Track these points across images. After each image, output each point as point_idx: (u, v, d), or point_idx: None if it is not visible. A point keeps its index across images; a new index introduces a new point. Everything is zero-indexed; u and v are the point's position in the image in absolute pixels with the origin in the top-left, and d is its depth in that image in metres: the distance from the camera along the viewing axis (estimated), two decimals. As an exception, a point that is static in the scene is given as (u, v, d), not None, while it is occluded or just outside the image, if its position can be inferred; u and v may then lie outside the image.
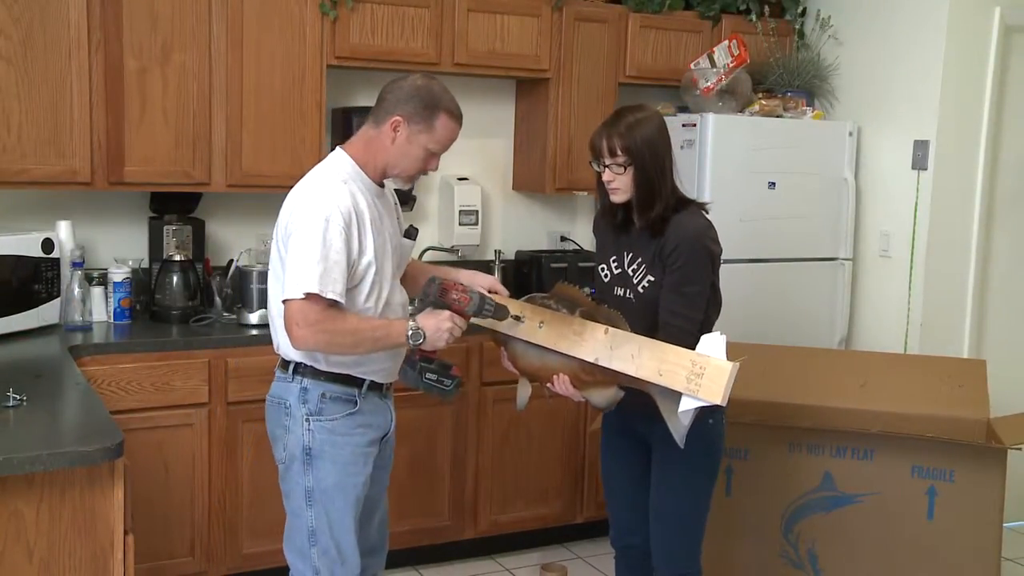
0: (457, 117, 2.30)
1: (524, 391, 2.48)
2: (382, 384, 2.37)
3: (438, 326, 2.20)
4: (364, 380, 2.31)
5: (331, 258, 2.13)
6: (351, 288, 2.21)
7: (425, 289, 2.24)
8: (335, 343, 2.17)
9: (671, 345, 2.22)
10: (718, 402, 2.11)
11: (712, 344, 2.17)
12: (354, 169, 2.27)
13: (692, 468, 2.46)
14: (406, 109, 2.24)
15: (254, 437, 3.22)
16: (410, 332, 2.19)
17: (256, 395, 3.04)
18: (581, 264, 4.04)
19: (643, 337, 2.25)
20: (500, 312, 2.30)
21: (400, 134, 2.25)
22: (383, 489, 2.50)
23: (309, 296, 2.11)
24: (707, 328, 2.46)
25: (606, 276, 2.53)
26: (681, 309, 2.36)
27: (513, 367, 2.45)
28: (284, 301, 2.16)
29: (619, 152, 2.34)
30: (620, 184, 2.37)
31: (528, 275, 4.08)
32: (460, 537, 3.66)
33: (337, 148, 2.32)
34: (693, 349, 2.24)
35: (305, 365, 2.27)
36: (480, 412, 3.63)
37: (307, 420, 2.27)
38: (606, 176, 2.38)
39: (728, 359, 2.15)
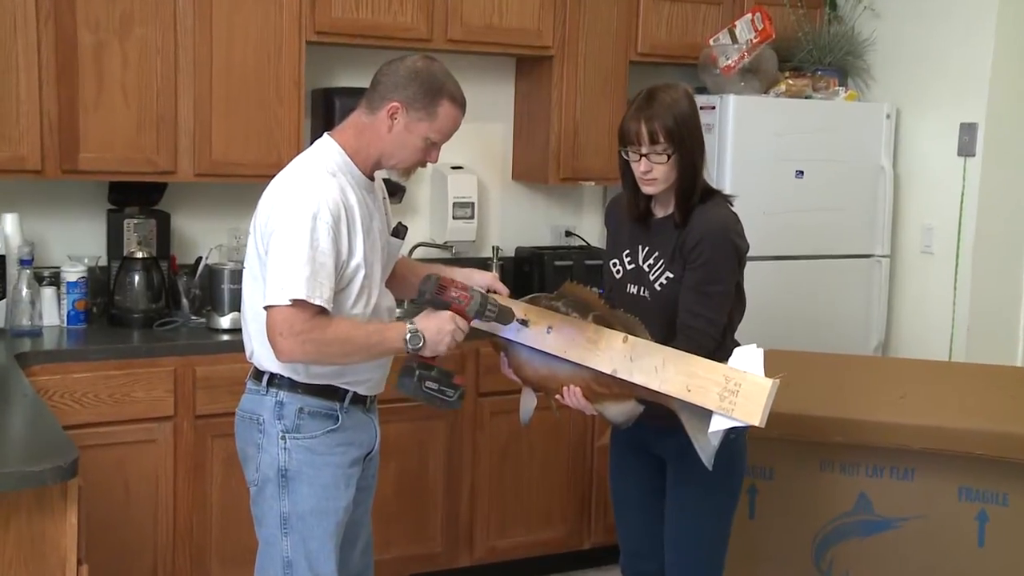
0: (461, 104, 2.28)
1: (529, 402, 2.47)
2: (366, 397, 2.35)
3: (439, 328, 2.18)
4: (347, 392, 2.29)
5: (319, 260, 2.12)
6: (337, 292, 2.20)
7: (421, 287, 2.22)
8: (324, 353, 2.16)
9: (700, 358, 2.20)
10: (756, 423, 2.10)
11: (748, 358, 2.16)
12: (343, 160, 2.25)
13: (712, 488, 2.45)
14: (405, 94, 2.23)
15: (225, 454, 3.19)
16: (408, 336, 2.17)
17: (227, 408, 3.00)
18: (588, 262, 4.03)
19: (668, 348, 2.24)
20: (503, 314, 2.28)
21: (398, 122, 2.23)
22: (366, 512, 2.48)
23: (296, 303, 2.10)
24: (730, 333, 2.44)
25: (618, 272, 2.51)
26: (703, 310, 2.34)
27: (515, 376, 2.44)
28: (266, 308, 2.14)
29: (661, 139, 2.33)
30: (660, 174, 2.36)
31: (529, 274, 4.07)
32: (454, 565, 3.64)
33: (325, 135, 2.31)
34: (714, 356, 2.23)
35: (281, 376, 2.26)
36: (476, 425, 3.61)
37: (283, 438, 2.25)
38: (642, 166, 2.36)
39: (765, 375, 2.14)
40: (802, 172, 3.95)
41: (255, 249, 2.26)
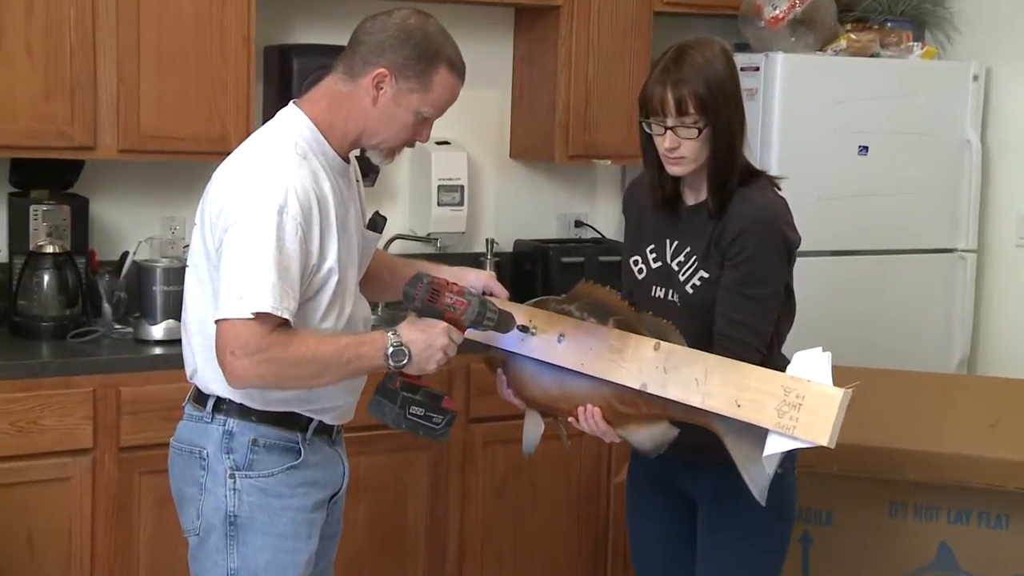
0: (460, 71, 2.29)
1: (534, 429, 2.47)
2: (332, 426, 2.36)
3: (429, 342, 2.18)
4: (310, 421, 2.30)
5: (284, 264, 2.12)
6: (304, 303, 2.20)
7: (409, 291, 2.21)
8: (286, 376, 2.15)
9: (752, 365, 2.20)
10: (823, 443, 2.09)
11: (811, 364, 2.15)
12: (315, 138, 2.25)
13: (754, 536, 2.44)
14: (394, 58, 2.23)
15: (156, 496, 3.19)
16: (390, 350, 2.16)
17: (159, 437, 2.99)
18: (603, 259, 4.02)
19: (710, 355, 2.24)
20: (504, 321, 2.29)
21: (385, 92, 2.23)
22: (329, 566, 2.48)
23: (257, 316, 2.10)
24: (777, 345, 2.44)
25: (640, 271, 2.52)
26: (745, 317, 2.35)
27: (516, 397, 2.45)
28: (218, 321, 2.14)
29: (691, 109, 2.33)
30: (689, 151, 2.36)
31: (531, 273, 4.07)
32: (439, 631, 3.66)
33: (291, 105, 2.31)
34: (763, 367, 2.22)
35: (230, 400, 2.26)
36: (467, 458, 3.61)
37: (231, 476, 2.25)
38: (669, 142, 2.36)
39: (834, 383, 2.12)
40: (867, 148, 3.95)
41: (202, 245, 2.26)
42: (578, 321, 2.36)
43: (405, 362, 2.17)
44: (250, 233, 2.12)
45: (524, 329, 2.36)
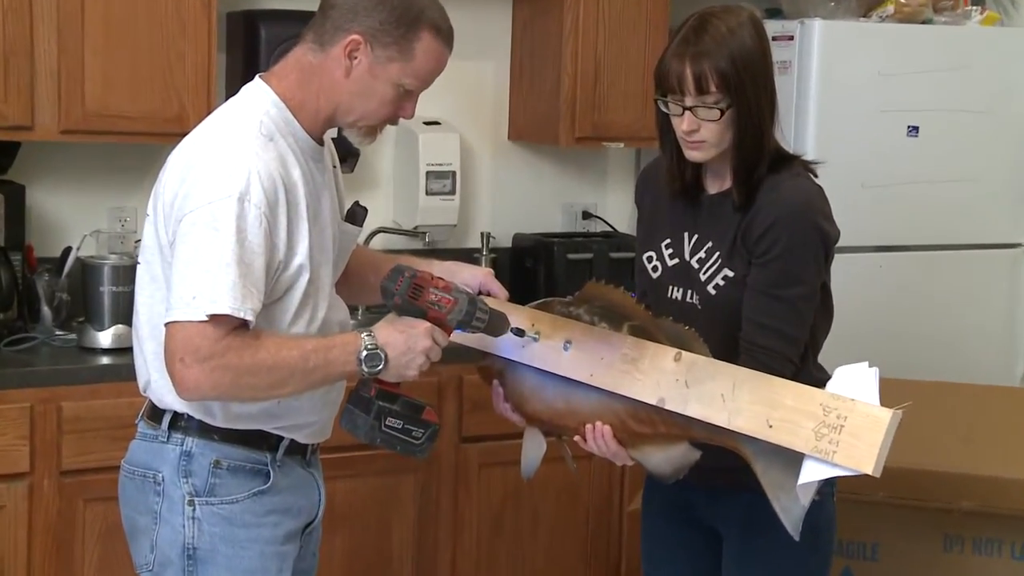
0: (446, 36, 2.29)
1: (535, 450, 2.47)
2: (306, 446, 2.36)
3: (409, 345, 2.18)
4: (280, 440, 2.30)
5: (246, 260, 2.12)
6: (270, 304, 2.20)
7: (387, 285, 2.21)
8: (244, 386, 2.15)
9: (786, 380, 2.19)
10: (867, 471, 2.08)
11: (855, 380, 2.14)
12: (283, 116, 2.26)
13: (787, 572, 2.45)
14: (368, 23, 2.22)
15: (103, 526, 3.19)
16: (364, 353, 2.16)
17: (106, 460, 3.01)
18: (615, 255, 4.04)
19: (739, 367, 2.24)
20: (496, 323, 2.28)
21: (359, 63, 2.23)
22: (302, 604, 2.48)
23: (213, 318, 2.11)
24: (812, 354, 2.44)
25: (655, 269, 2.52)
26: (776, 322, 2.35)
27: (515, 413, 2.45)
28: (168, 325, 2.14)
29: (713, 87, 2.33)
30: (709, 135, 2.36)
31: (533, 272, 4.08)
32: None
33: (256, 80, 2.31)
34: (795, 380, 2.21)
35: (189, 416, 2.26)
36: (460, 482, 3.62)
37: (190, 503, 2.25)
38: (687, 124, 2.36)
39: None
40: (917, 128, 3.96)
41: (155, 239, 2.25)
42: (587, 326, 2.36)
43: (381, 368, 2.17)
44: (207, 224, 2.12)
45: (519, 333, 2.36)
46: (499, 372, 2.44)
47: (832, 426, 2.11)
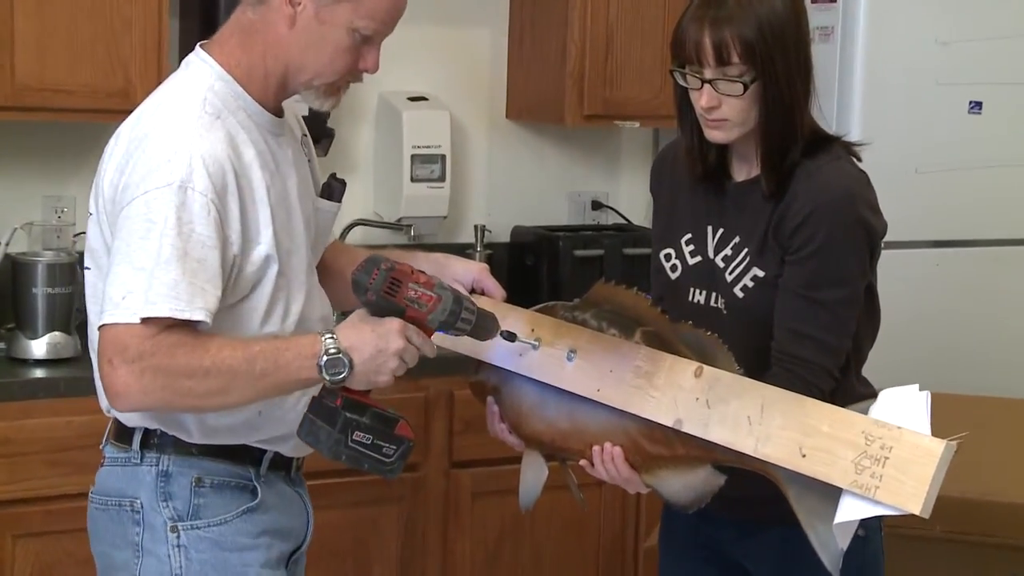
0: None
1: (535, 476, 2.47)
2: (291, 460, 2.38)
3: (379, 347, 2.17)
4: (263, 453, 2.32)
5: (194, 255, 2.12)
6: (236, 303, 2.22)
7: (360, 278, 2.18)
8: (179, 391, 2.13)
9: (823, 403, 2.19)
10: (914, 511, 2.08)
11: (903, 405, 2.14)
12: (230, 89, 2.26)
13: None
14: None
15: (36, 567, 3.20)
16: (324, 359, 2.15)
17: (42, 488, 3.04)
18: (628, 251, 4.05)
19: (768, 386, 2.23)
20: (484, 324, 2.27)
21: (304, 9, 2.23)
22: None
23: (148, 321, 2.11)
24: (855, 366, 2.45)
25: (674, 269, 2.53)
26: (813, 329, 2.35)
27: (512, 435, 2.45)
28: (100, 327, 2.14)
29: (735, 57, 2.34)
30: (731, 112, 2.36)
31: (534, 270, 4.09)
32: None
33: (197, 50, 2.32)
34: (834, 398, 2.22)
35: (162, 433, 2.27)
36: (451, 513, 3.64)
37: (174, 529, 2.26)
38: (706, 99, 2.36)
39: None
40: (979, 105, 3.96)
41: (101, 240, 2.26)
42: (594, 333, 2.36)
43: (345, 375, 2.16)
44: (142, 216, 2.13)
45: (510, 337, 2.34)
46: (494, 388, 2.45)
47: (875, 458, 2.10)
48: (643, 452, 2.31)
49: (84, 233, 3.51)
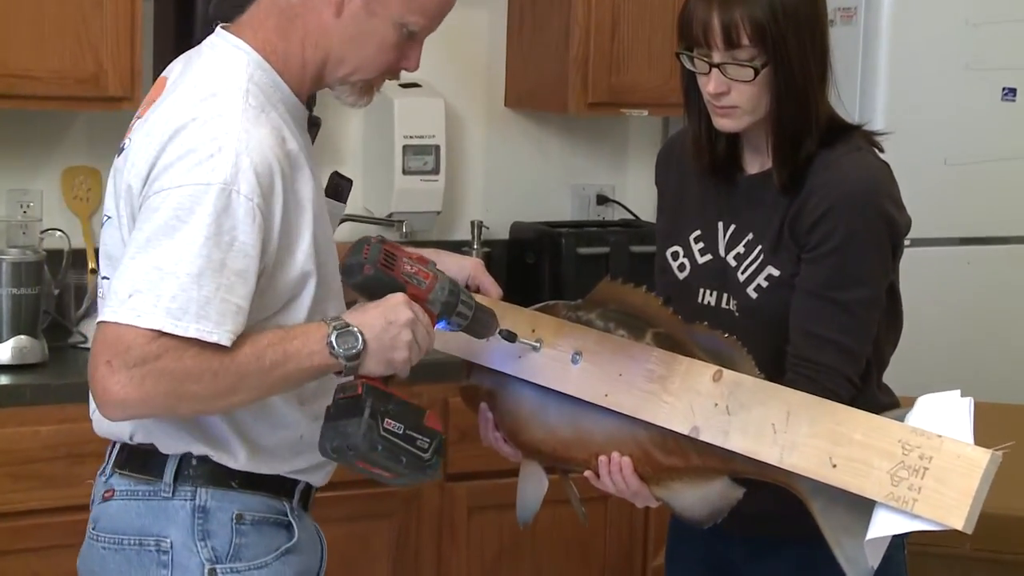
0: None
1: (534, 489, 2.48)
2: (311, 492, 2.38)
3: (388, 318, 2.15)
4: (296, 484, 2.32)
5: (233, 267, 2.08)
6: (272, 315, 2.19)
7: (353, 261, 2.19)
8: (185, 395, 2.09)
9: (856, 410, 2.18)
10: (956, 526, 2.07)
11: (943, 411, 2.14)
12: (270, 79, 2.23)
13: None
14: None
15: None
16: (334, 334, 2.13)
17: (5, 504, 3.05)
18: (636, 248, 4.07)
19: (794, 391, 2.24)
20: (482, 319, 2.28)
21: (352, 0, 2.23)
22: None
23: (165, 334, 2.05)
24: (877, 372, 2.46)
25: (682, 268, 2.54)
26: (832, 332, 2.36)
27: (508, 444, 2.46)
28: (100, 323, 2.09)
29: (745, 40, 2.35)
30: (741, 99, 2.38)
31: (534, 268, 4.11)
32: None
33: (222, 32, 2.27)
34: (855, 404, 2.22)
35: (202, 459, 2.24)
36: (445, 529, 3.65)
37: (212, 572, 2.22)
38: (714, 84, 2.38)
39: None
40: (1014, 91, 3.97)
41: (122, 247, 2.20)
42: (602, 334, 2.37)
43: (360, 349, 2.13)
44: (171, 211, 2.07)
45: (511, 337, 2.34)
46: (488, 393, 2.45)
47: (913, 468, 2.09)
48: (654, 463, 2.31)
49: (52, 230, 3.63)
